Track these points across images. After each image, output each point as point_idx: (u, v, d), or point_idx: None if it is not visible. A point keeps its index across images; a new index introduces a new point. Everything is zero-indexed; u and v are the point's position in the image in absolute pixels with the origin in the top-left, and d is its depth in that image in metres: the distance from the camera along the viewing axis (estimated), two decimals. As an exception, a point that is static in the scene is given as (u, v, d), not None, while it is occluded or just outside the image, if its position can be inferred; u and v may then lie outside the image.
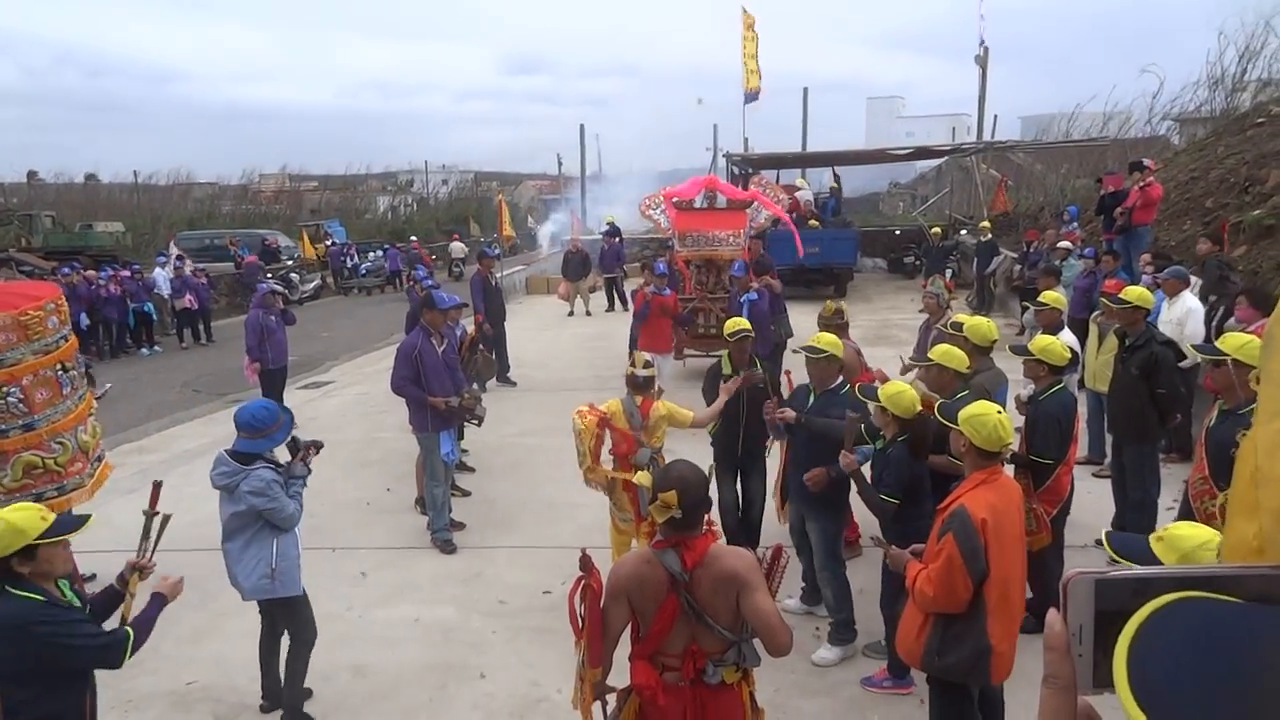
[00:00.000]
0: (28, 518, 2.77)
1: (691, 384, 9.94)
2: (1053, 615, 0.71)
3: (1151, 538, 2.52)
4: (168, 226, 34.42)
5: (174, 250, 20.52)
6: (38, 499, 4.96)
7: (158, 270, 18.79)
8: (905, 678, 4.56)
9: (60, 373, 5.24)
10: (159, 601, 3.36)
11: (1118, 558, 2.54)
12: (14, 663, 2.80)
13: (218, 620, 5.55)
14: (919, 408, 4.25)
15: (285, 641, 4.59)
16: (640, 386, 5.41)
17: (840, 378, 5.17)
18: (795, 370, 6.16)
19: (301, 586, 4.46)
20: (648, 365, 5.50)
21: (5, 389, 4.83)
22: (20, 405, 4.90)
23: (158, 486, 3.79)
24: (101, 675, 4.93)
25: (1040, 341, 5.21)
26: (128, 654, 3.06)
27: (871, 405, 4.45)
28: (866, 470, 4.52)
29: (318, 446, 4.59)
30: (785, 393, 5.72)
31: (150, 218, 37.42)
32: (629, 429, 5.31)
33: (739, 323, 6.04)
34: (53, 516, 2.86)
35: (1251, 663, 0.55)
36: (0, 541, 2.71)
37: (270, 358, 9.71)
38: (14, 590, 2.79)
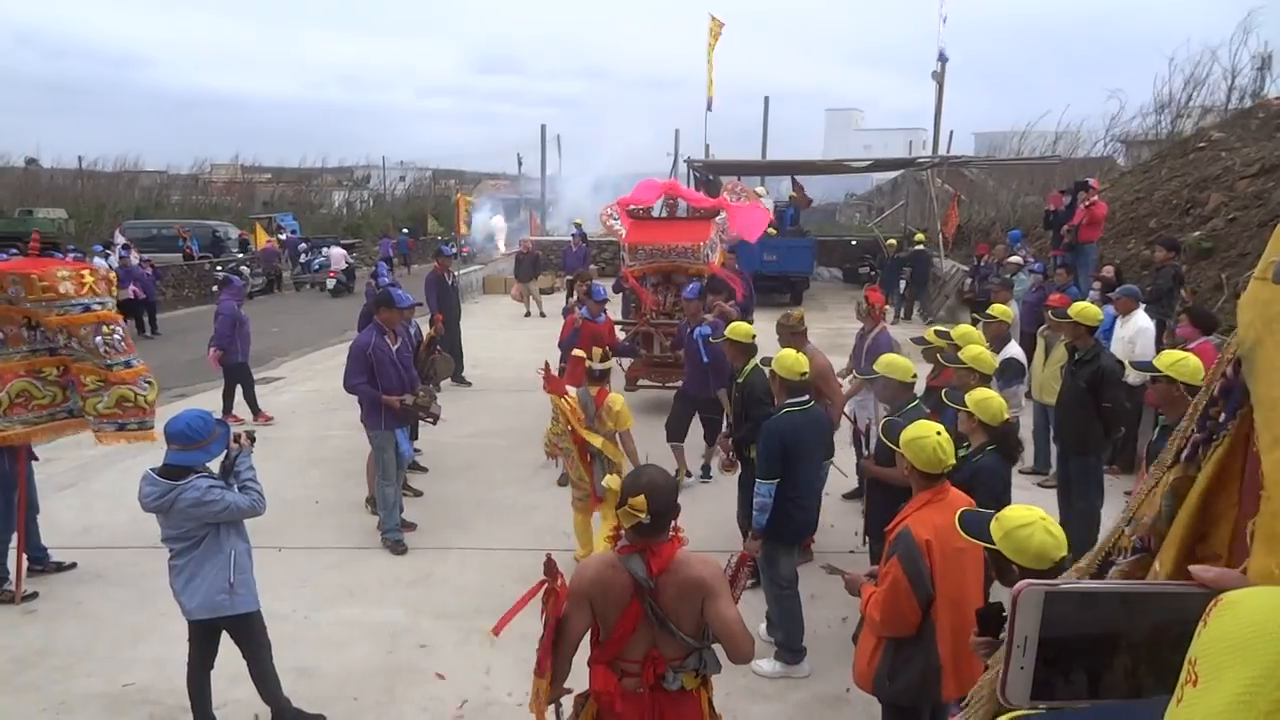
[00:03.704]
0: None
1: (647, 416, 9.87)
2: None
3: (993, 521, 2.64)
4: (113, 215, 33.39)
5: (120, 239, 19.88)
6: (120, 429, 5.65)
7: (98, 260, 18.17)
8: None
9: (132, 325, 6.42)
10: None
11: (965, 533, 2.68)
12: None
13: (157, 620, 5.38)
14: (1006, 415, 4.13)
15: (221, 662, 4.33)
16: (597, 379, 5.93)
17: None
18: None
19: (259, 601, 4.21)
20: (604, 358, 5.97)
21: (112, 327, 5.56)
22: (122, 344, 5.62)
23: None
24: (33, 678, 4.80)
25: (970, 351, 5.27)
26: None
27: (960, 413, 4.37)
28: None
29: (250, 436, 4.29)
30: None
31: (95, 205, 36.29)
32: (583, 418, 5.83)
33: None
34: None
35: None
36: None
37: (240, 350, 9.78)
38: None
